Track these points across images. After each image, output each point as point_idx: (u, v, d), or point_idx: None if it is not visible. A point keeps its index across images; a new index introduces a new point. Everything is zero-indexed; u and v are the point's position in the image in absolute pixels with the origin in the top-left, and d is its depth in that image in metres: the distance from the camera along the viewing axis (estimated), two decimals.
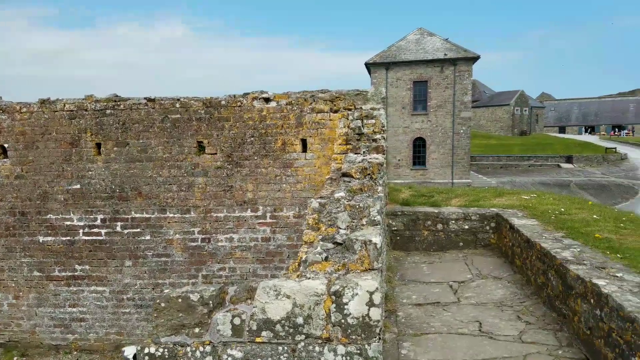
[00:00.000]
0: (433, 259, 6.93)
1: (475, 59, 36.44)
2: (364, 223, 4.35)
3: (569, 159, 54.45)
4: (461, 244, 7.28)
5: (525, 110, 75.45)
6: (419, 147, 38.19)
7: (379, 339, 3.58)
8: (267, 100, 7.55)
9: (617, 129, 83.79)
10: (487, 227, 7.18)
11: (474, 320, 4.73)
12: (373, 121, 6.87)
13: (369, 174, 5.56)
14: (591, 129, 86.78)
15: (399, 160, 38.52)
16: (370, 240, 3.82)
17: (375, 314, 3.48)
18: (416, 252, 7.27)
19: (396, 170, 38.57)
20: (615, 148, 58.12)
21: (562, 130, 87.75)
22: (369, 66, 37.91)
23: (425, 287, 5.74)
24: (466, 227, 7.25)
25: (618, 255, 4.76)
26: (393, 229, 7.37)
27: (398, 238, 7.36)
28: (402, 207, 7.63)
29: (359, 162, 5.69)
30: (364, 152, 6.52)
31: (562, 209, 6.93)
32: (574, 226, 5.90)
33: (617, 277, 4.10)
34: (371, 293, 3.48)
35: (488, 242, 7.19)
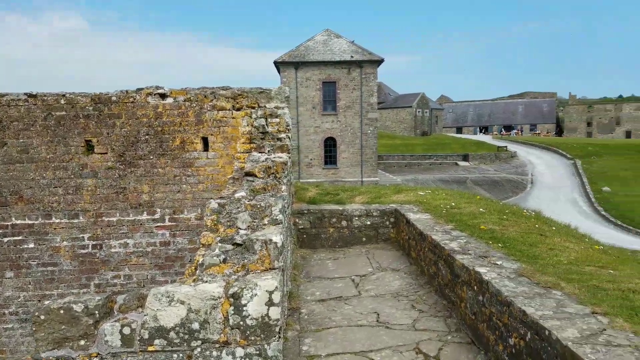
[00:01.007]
0: (338, 255, 7.16)
1: (379, 62, 38.15)
2: (266, 222, 4.36)
3: (465, 157, 59.15)
4: (364, 239, 7.60)
5: (426, 112, 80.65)
6: (330, 147, 39.13)
7: (279, 337, 3.62)
8: (163, 96, 7.25)
9: (507, 129, 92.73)
10: (387, 222, 7.57)
11: (373, 311, 4.96)
12: (277, 120, 6.91)
13: (272, 173, 5.58)
14: (485, 129, 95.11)
15: (311, 159, 39.14)
16: (271, 240, 3.84)
17: (275, 313, 3.51)
18: (322, 249, 7.45)
19: (308, 169, 39.15)
20: (506, 147, 64.25)
21: (459, 130, 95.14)
22: (279, 65, 38.02)
23: (330, 282, 5.91)
24: (368, 223, 7.57)
25: (499, 244, 5.27)
26: (300, 227, 7.48)
27: (305, 236, 7.49)
28: (308, 205, 7.77)
29: (263, 161, 5.68)
30: (268, 151, 6.52)
31: (453, 204, 7.53)
32: (462, 219, 6.44)
33: (497, 264, 4.55)
34: (270, 292, 3.50)
35: (388, 237, 7.59)
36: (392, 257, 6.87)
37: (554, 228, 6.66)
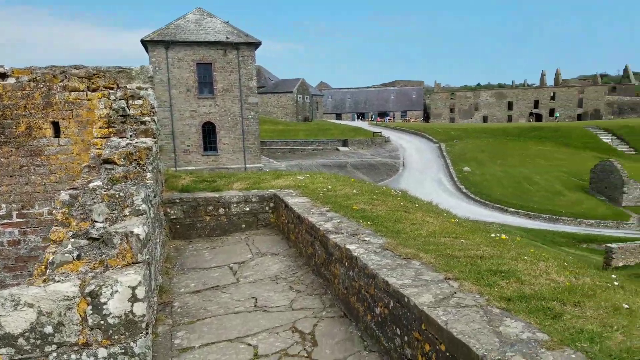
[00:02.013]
0: (216, 244, 7.02)
1: (257, 44, 37.82)
2: (127, 214, 4.10)
3: (345, 143, 61.88)
4: (243, 226, 7.55)
5: (307, 98, 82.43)
6: (209, 132, 37.95)
7: (147, 333, 3.45)
8: (3, 76, 6.34)
9: (382, 116, 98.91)
10: (267, 208, 7.62)
11: (251, 297, 4.98)
12: (140, 102, 6.47)
13: (135, 160, 5.24)
14: (362, 116, 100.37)
15: (189, 146, 37.61)
16: (132, 232, 3.63)
17: (140, 309, 3.34)
18: (198, 239, 7.24)
19: (186, 156, 37.59)
20: (380, 132, 68.56)
21: (338, 116, 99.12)
22: (146, 44, 35.63)
23: (206, 272, 5.78)
24: (247, 209, 7.54)
25: (369, 222, 5.62)
26: (172, 217, 7.17)
27: (178, 226, 7.20)
28: (181, 194, 7.47)
29: (124, 147, 5.30)
30: (130, 135, 6.10)
31: (330, 187, 7.83)
32: (337, 201, 6.74)
33: (366, 241, 4.85)
34: (134, 288, 3.33)
35: (268, 222, 7.64)
36: (272, 242, 6.94)
37: (417, 205, 7.29)
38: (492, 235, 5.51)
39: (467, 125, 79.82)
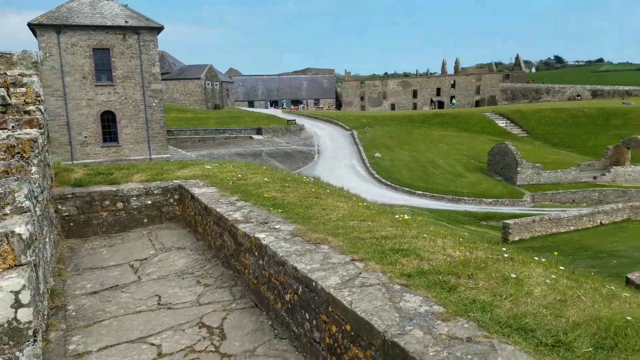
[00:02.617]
0: (114, 241, 6.61)
1: (159, 29, 35.97)
2: (8, 212, 3.72)
3: (259, 131, 61.26)
4: (146, 220, 7.19)
5: (216, 84, 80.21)
6: (109, 122, 35.52)
7: (35, 341, 3.18)
8: None
9: (295, 103, 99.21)
10: (171, 200, 7.31)
11: (154, 295, 4.76)
12: (24, 90, 5.86)
13: (18, 153, 4.75)
14: (275, 103, 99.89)
15: (86, 137, 34.95)
16: (14, 232, 3.30)
17: (25, 315, 3.08)
18: (95, 237, 6.77)
19: (84, 149, 34.91)
20: (294, 120, 68.75)
21: (251, 104, 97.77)
22: (35, 28, 32.36)
23: (104, 272, 5.42)
24: (149, 202, 7.18)
25: (280, 210, 5.62)
26: (64, 214, 6.61)
27: (72, 224, 6.66)
28: (73, 188, 6.90)
29: (4, 139, 4.78)
30: (12, 126, 5.52)
31: (240, 175, 7.71)
32: (248, 189, 6.65)
33: (276, 228, 4.84)
34: (17, 293, 3.07)
35: (174, 215, 7.35)
36: (178, 236, 6.68)
37: (328, 191, 7.42)
38: (397, 216, 5.78)
39: (376, 112, 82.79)
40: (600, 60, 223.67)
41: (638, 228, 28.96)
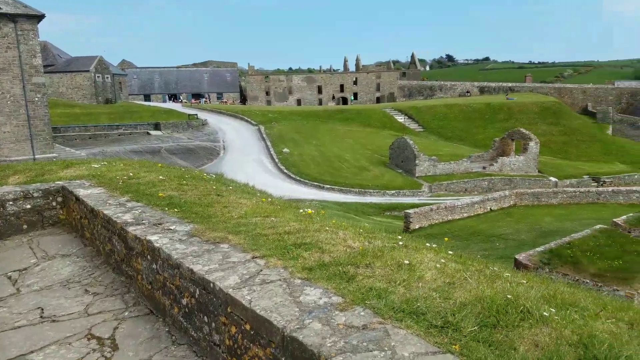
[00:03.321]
0: None
1: (40, 17, 32.69)
2: None
3: (157, 126, 58.38)
4: (25, 226, 6.49)
5: (107, 77, 74.97)
6: None
7: None
8: None
9: (196, 97, 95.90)
10: (54, 203, 6.67)
11: (36, 307, 4.33)
12: None
13: None
14: (174, 97, 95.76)
15: None
16: None
17: None
18: None
19: None
20: (196, 114, 66.45)
21: (147, 98, 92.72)
22: None
23: None
24: (29, 206, 6.49)
25: (176, 209, 5.37)
26: None
27: None
28: None
29: None
30: None
31: (131, 174, 7.25)
32: (140, 189, 6.28)
33: (171, 229, 4.62)
34: None
35: (57, 219, 6.72)
36: (63, 242, 6.12)
37: (230, 187, 7.26)
38: (301, 211, 5.82)
39: (282, 107, 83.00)
40: (487, 59, 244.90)
41: (522, 213, 32.17)
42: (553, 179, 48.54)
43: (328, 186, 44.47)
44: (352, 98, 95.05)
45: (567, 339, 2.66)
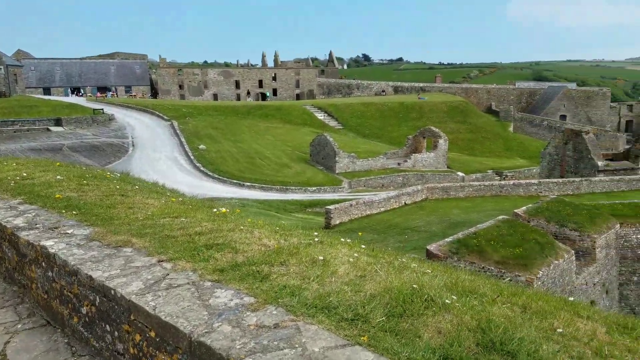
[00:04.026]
0: None
1: None
2: None
3: (58, 122, 54.12)
4: None
5: (0, 68, 68.14)
6: None
7: None
8: None
9: (102, 91, 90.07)
10: None
11: None
12: None
13: None
14: (77, 91, 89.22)
15: None
16: None
17: None
18: None
19: None
20: (102, 109, 62.41)
21: (47, 91, 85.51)
22: None
23: None
24: None
25: (74, 211, 5.01)
26: None
27: None
28: None
29: None
30: None
31: (25, 174, 6.65)
32: (35, 190, 5.78)
33: (68, 233, 4.29)
34: None
35: None
36: None
37: (137, 187, 6.91)
38: (214, 210, 5.68)
39: (198, 102, 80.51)
40: (401, 59, 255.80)
41: (433, 206, 33.97)
42: (460, 173, 51.89)
43: (248, 184, 43.95)
44: (267, 94, 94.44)
45: (467, 325, 2.84)
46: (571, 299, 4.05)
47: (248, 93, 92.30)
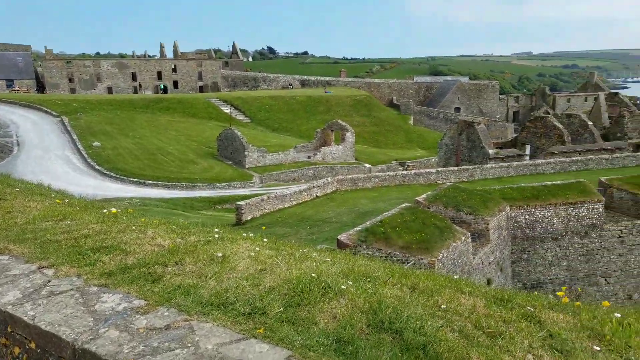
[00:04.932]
0: None
1: None
2: None
3: None
4: None
5: None
6: None
7: None
8: None
9: None
10: None
11: None
12: None
13: None
14: None
15: None
16: None
17: None
18: None
19: None
20: None
21: None
22: None
23: None
24: None
25: None
26: None
27: None
28: None
29: None
30: None
31: None
32: None
33: None
34: None
35: None
36: None
37: (18, 189, 6.34)
38: (104, 210, 5.38)
39: (90, 96, 75.06)
40: (306, 53, 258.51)
41: (343, 197, 34.94)
42: (367, 165, 53.89)
43: (150, 182, 41.95)
44: (162, 86, 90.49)
45: (360, 308, 2.98)
46: (456, 276, 4.41)
47: (140, 86, 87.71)
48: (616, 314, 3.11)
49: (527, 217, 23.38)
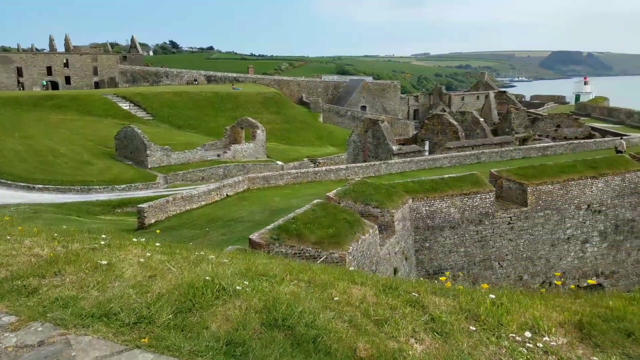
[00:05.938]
0: None
1: None
2: None
3: None
4: None
5: None
6: None
7: None
8: None
9: None
10: None
11: None
12: None
13: None
14: None
15: None
16: None
17: None
18: None
19: None
20: None
21: None
22: None
23: None
24: None
25: None
26: None
27: None
28: None
29: None
30: None
31: None
32: None
33: None
34: None
35: None
36: None
37: None
38: None
39: None
40: (211, 48, 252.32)
41: (256, 195, 34.64)
42: (279, 162, 53.93)
43: (41, 186, 38.61)
44: (43, 82, 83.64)
45: (254, 308, 2.97)
46: (351, 268, 4.57)
47: (18, 82, 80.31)
48: (491, 295, 3.40)
49: (427, 208, 24.76)
